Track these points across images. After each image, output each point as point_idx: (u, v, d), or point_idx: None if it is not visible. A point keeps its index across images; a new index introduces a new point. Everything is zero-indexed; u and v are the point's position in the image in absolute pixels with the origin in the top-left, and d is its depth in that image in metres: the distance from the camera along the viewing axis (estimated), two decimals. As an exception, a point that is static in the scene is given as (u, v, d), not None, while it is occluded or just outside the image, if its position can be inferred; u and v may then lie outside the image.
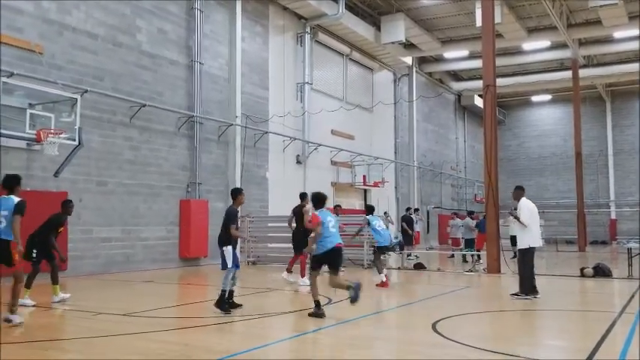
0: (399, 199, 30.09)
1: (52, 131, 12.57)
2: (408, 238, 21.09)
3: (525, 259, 10.35)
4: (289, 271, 12.85)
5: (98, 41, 15.30)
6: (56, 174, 13.51)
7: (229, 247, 8.62)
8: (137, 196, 16.15)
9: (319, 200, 8.57)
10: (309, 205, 9.64)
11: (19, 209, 7.42)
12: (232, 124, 19.11)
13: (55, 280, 9.56)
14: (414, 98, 30.98)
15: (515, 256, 19.41)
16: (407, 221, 21.41)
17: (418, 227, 24.42)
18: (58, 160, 13.36)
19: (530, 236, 10.27)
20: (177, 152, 17.51)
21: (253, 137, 20.20)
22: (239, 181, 19.19)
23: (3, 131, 11.82)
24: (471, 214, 20.95)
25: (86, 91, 14.17)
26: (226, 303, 8.53)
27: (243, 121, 19.58)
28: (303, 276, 12.30)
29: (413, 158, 31.13)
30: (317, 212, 8.43)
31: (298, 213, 12.54)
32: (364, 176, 25.51)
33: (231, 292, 8.69)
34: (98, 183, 15.08)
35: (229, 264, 8.61)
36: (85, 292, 10.88)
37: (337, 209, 15.22)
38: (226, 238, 8.64)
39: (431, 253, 24.80)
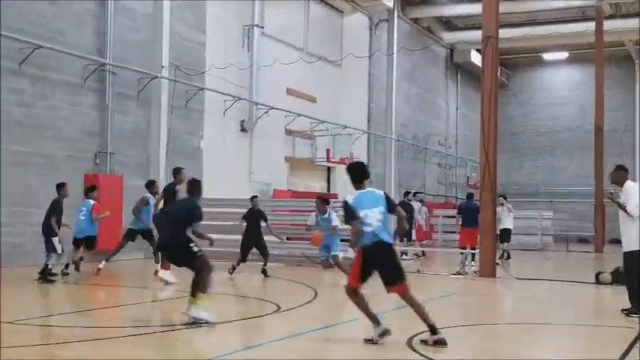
0: (371, 180, 30.29)
1: None
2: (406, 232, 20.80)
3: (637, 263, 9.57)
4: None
5: (-22, -41, 14.85)
6: None
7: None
8: (28, 168, 15.84)
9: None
10: None
11: None
12: (157, 77, 18.85)
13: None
14: (395, 51, 31.02)
15: (503, 255, 19.79)
16: (406, 210, 20.73)
17: (421, 218, 22.88)
18: None
19: None
20: (83, 111, 17.22)
21: (184, 95, 20.00)
22: (164, 151, 19.00)
23: None
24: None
25: (-40, 26, 13.79)
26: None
27: (171, 73, 19.34)
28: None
29: (391, 129, 31.23)
30: None
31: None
32: (328, 150, 25.52)
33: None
34: (-25, 149, 14.74)
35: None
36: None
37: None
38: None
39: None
